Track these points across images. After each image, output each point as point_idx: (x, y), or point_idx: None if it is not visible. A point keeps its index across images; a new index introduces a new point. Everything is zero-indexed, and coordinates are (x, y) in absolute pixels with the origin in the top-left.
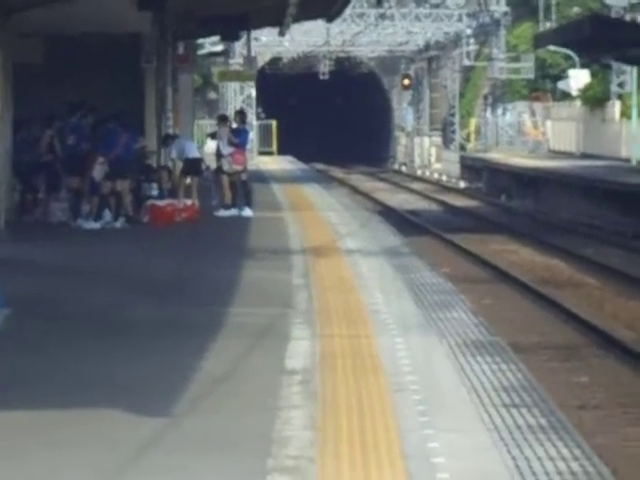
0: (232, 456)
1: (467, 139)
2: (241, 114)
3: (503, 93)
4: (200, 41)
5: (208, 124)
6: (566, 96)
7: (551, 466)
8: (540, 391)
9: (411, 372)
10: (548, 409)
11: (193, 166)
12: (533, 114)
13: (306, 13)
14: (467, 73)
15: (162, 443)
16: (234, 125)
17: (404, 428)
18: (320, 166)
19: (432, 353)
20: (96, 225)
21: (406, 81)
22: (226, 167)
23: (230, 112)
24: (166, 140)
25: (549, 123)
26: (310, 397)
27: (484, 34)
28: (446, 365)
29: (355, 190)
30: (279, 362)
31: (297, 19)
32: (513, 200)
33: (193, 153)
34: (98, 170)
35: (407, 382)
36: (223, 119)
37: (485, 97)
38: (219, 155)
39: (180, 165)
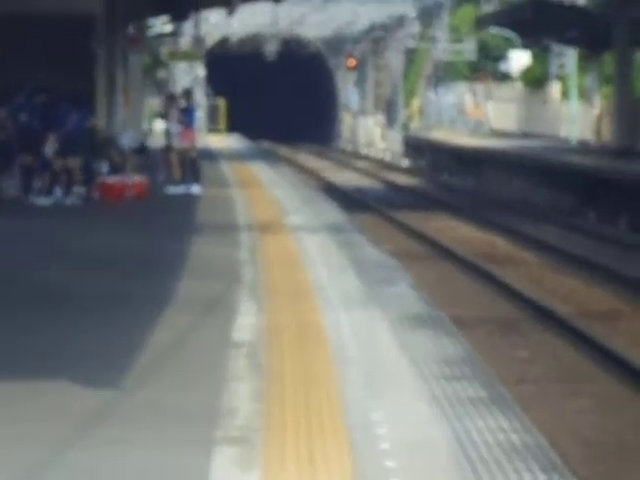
0: (181, 428)
1: (410, 119)
2: (188, 93)
3: (445, 74)
4: (150, 21)
5: (157, 103)
6: (507, 77)
7: (491, 438)
8: (481, 364)
9: (354, 346)
10: (489, 382)
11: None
12: (474, 95)
13: None
14: (411, 54)
15: (109, 416)
16: (182, 104)
17: (347, 400)
18: (267, 145)
19: (375, 327)
20: (47, 201)
21: (351, 61)
22: (175, 145)
23: (179, 91)
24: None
25: (490, 103)
26: (256, 369)
27: (428, 16)
28: (388, 338)
29: (301, 168)
30: (226, 335)
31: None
32: (454, 178)
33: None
34: (50, 147)
35: (350, 356)
36: (171, 98)
37: (428, 78)
38: (168, 133)
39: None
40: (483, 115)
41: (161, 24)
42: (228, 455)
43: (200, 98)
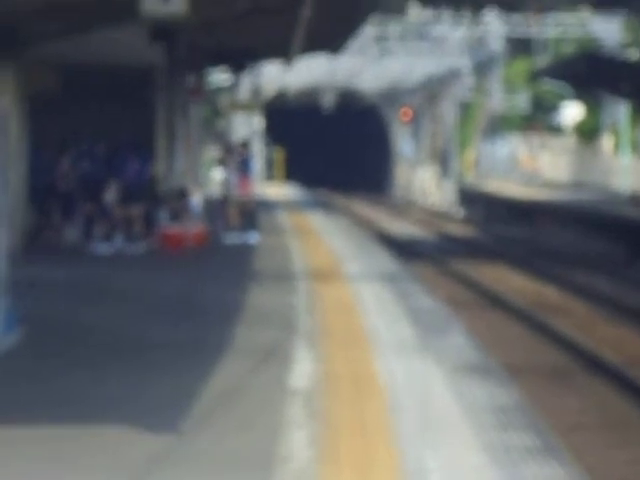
0: (238, 473)
1: (465, 169)
2: (245, 144)
3: (500, 126)
4: (210, 72)
5: (216, 151)
6: (560, 129)
7: None
8: (533, 412)
9: (409, 394)
10: (541, 430)
11: None
12: (528, 146)
13: (312, 46)
14: (465, 106)
15: (167, 460)
16: (240, 154)
17: (403, 448)
18: (323, 194)
19: (428, 375)
20: (108, 249)
21: (406, 114)
22: (233, 194)
23: (237, 142)
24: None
25: (544, 155)
26: (312, 417)
27: (482, 69)
28: (442, 386)
29: (356, 217)
30: (282, 382)
31: (303, 51)
32: (509, 229)
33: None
34: (110, 195)
35: (405, 403)
36: (229, 148)
37: (483, 129)
38: (226, 183)
39: None
40: (537, 166)
41: (220, 75)
42: None
43: (258, 148)
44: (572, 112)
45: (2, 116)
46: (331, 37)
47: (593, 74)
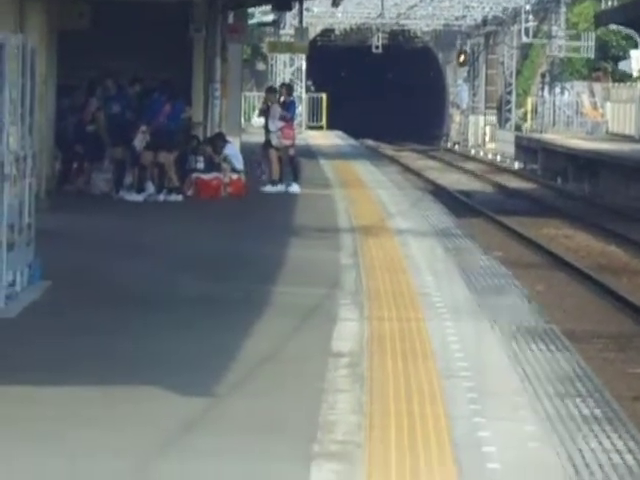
0: (276, 441)
1: (523, 118)
2: (288, 87)
3: (561, 72)
4: (250, 10)
5: (256, 96)
6: (627, 77)
7: (605, 458)
8: (595, 381)
9: (462, 358)
10: (603, 400)
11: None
12: (592, 95)
13: None
14: (525, 50)
15: (202, 425)
16: (283, 98)
17: (454, 415)
18: (370, 142)
19: (484, 339)
20: (139, 197)
21: (462, 57)
22: (275, 142)
23: (277, 84)
24: (216, 141)
25: (608, 104)
26: (357, 381)
27: (543, 10)
28: (497, 351)
29: (406, 168)
30: (326, 344)
31: None
32: (569, 183)
33: (239, 165)
34: (139, 139)
35: (458, 368)
36: (272, 91)
37: (543, 75)
38: (267, 129)
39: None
40: (601, 116)
41: (261, 13)
42: (326, 471)
43: (300, 92)
44: None
45: (31, 53)
46: None
47: None
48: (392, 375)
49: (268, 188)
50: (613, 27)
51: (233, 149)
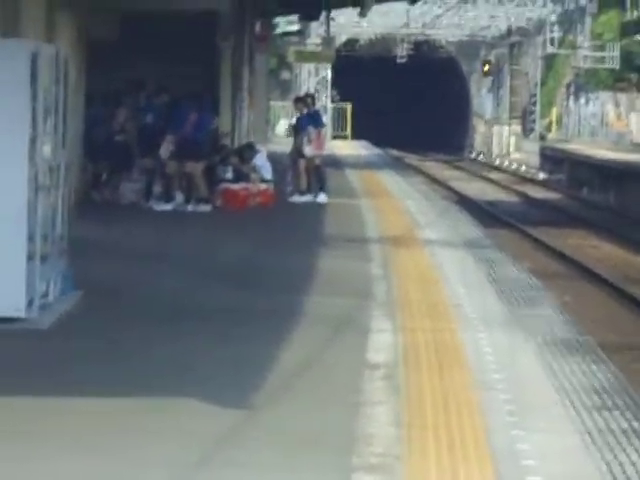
0: (314, 453)
1: (548, 129)
2: (312, 97)
3: (586, 83)
4: (275, 20)
5: (281, 105)
6: None
7: None
8: (630, 393)
9: (497, 370)
10: None
11: None
12: (617, 105)
13: None
14: (549, 61)
15: (239, 437)
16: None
17: (492, 428)
18: (395, 152)
19: (518, 350)
20: (167, 207)
21: (486, 67)
22: (308, 152)
23: (302, 94)
24: (245, 151)
25: (633, 115)
26: (394, 392)
27: (568, 21)
28: (533, 363)
29: (431, 178)
30: (360, 355)
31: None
32: (595, 193)
33: (268, 175)
34: (164, 149)
35: (493, 380)
36: (301, 101)
37: (567, 86)
38: (296, 139)
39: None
40: (626, 127)
41: (287, 23)
42: None
43: (325, 101)
44: None
45: (64, 62)
46: None
47: None
48: (428, 386)
49: (296, 198)
50: (638, 37)
51: (262, 159)
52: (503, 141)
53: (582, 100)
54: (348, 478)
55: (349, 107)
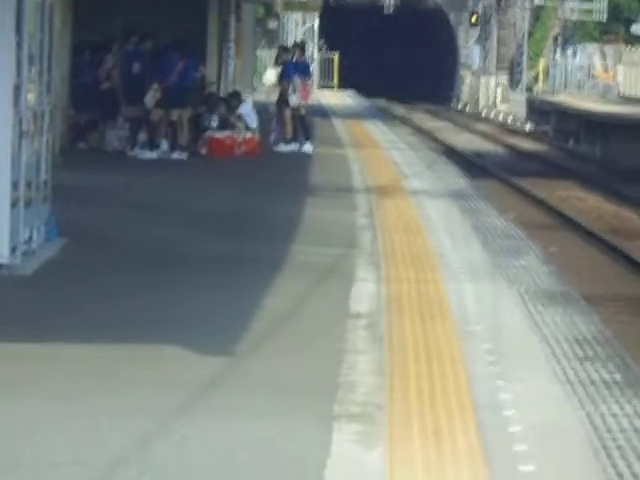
0: (296, 401)
1: (535, 80)
2: (301, 46)
3: (573, 34)
4: None
5: (267, 55)
6: (638, 40)
7: (627, 423)
8: (613, 344)
9: (480, 320)
10: (623, 364)
11: None
12: (604, 57)
13: None
14: (537, 12)
15: (221, 384)
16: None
17: (473, 377)
18: (381, 102)
19: (501, 301)
20: (152, 155)
21: (474, 18)
22: (293, 101)
23: (289, 43)
24: (232, 100)
25: (620, 67)
26: (376, 341)
27: None
28: (516, 314)
29: (418, 129)
30: (343, 304)
31: None
32: (581, 145)
33: (253, 124)
34: (150, 97)
35: (476, 330)
36: (285, 50)
37: (555, 38)
38: (281, 88)
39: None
40: (612, 79)
41: None
42: (348, 432)
43: (312, 51)
44: None
45: (49, 8)
46: None
47: None
48: (411, 336)
49: (281, 147)
50: None
51: (247, 108)
52: (490, 92)
53: (569, 52)
54: (330, 426)
55: (336, 57)
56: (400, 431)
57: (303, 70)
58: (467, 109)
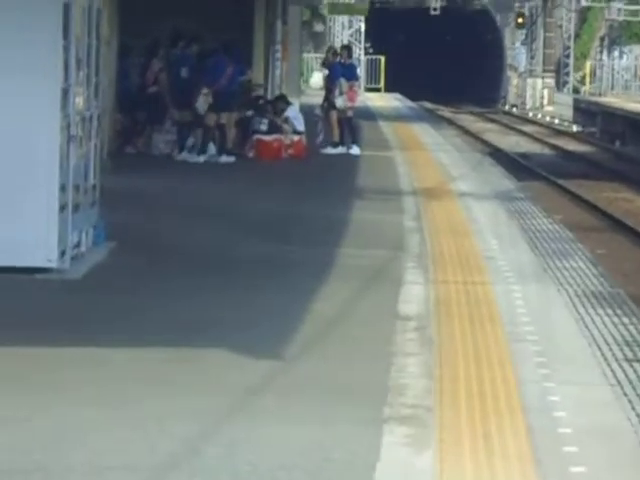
0: (346, 404)
1: (581, 82)
2: (348, 49)
3: (620, 35)
4: None
5: (314, 57)
6: None
7: None
8: None
9: (529, 322)
10: None
11: None
12: None
13: None
14: (583, 13)
15: (271, 388)
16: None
17: (523, 379)
18: (428, 105)
19: (550, 303)
20: (200, 159)
21: (520, 19)
22: (340, 104)
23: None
24: (278, 103)
25: None
26: (425, 344)
27: None
28: (564, 316)
29: (464, 130)
30: (392, 307)
31: None
32: (628, 146)
33: (300, 127)
34: (201, 101)
35: (525, 332)
36: (334, 53)
37: (601, 39)
38: (328, 91)
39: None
40: None
41: None
42: (399, 435)
43: (358, 54)
44: None
45: (97, 13)
46: None
47: None
48: (460, 339)
49: (329, 150)
50: None
51: (294, 111)
52: (537, 94)
53: (615, 53)
54: (380, 429)
55: (382, 59)
56: (450, 434)
57: (350, 73)
58: (514, 110)
